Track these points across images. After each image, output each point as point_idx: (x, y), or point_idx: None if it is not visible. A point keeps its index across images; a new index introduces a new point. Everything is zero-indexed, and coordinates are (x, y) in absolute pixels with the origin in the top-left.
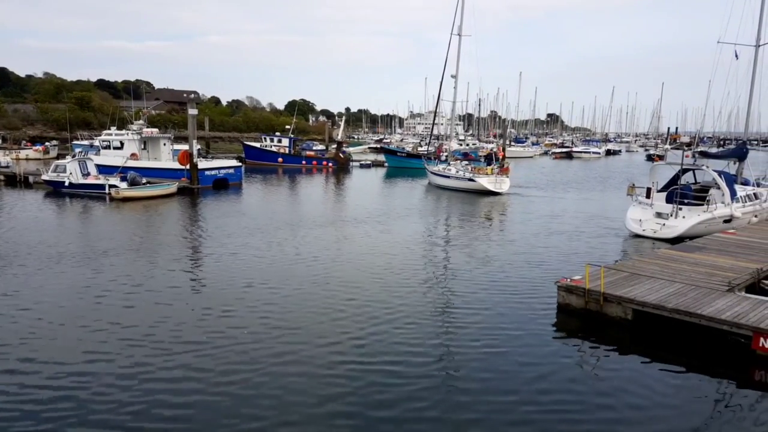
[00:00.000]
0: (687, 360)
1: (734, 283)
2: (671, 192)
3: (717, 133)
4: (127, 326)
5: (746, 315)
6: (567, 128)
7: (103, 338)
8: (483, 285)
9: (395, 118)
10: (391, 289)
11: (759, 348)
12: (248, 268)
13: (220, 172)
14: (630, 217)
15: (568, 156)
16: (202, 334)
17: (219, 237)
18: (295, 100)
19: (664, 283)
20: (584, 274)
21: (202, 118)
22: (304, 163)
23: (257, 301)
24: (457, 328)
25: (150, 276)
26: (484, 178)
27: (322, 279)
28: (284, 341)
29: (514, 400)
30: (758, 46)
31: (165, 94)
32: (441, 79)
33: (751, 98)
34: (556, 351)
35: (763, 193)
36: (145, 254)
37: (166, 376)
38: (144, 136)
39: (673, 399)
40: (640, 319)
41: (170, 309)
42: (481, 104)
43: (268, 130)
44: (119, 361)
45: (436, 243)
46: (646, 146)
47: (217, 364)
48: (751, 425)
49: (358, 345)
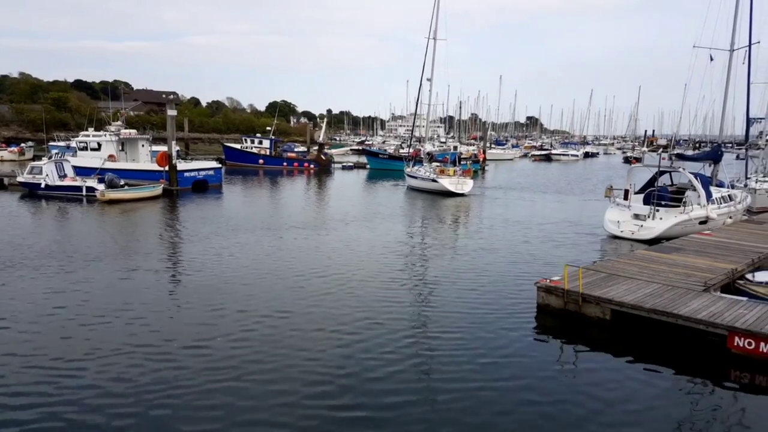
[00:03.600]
0: (664, 359)
1: (710, 284)
2: (648, 194)
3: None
4: (102, 330)
5: (721, 315)
6: (546, 131)
7: (79, 342)
8: (463, 286)
9: (377, 120)
10: (369, 291)
11: (734, 347)
12: (227, 272)
13: (199, 173)
14: (608, 219)
15: (547, 158)
16: (175, 340)
17: (198, 240)
18: (276, 101)
19: (642, 283)
20: (563, 275)
21: (182, 119)
22: (285, 165)
23: (234, 307)
24: (436, 328)
25: (125, 279)
26: (446, 180)
27: (300, 282)
28: (260, 348)
29: (493, 400)
30: (732, 50)
31: (144, 95)
32: (420, 83)
33: (725, 102)
34: (535, 351)
35: (737, 195)
36: (124, 257)
37: (135, 383)
38: (122, 137)
39: (651, 397)
40: (618, 319)
41: (146, 312)
42: (462, 107)
43: (249, 132)
44: (91, 366)
45: (414, 245)
46: (624, 149)
47: (190, 373)
48: (727, 422)
49: (336, 346)
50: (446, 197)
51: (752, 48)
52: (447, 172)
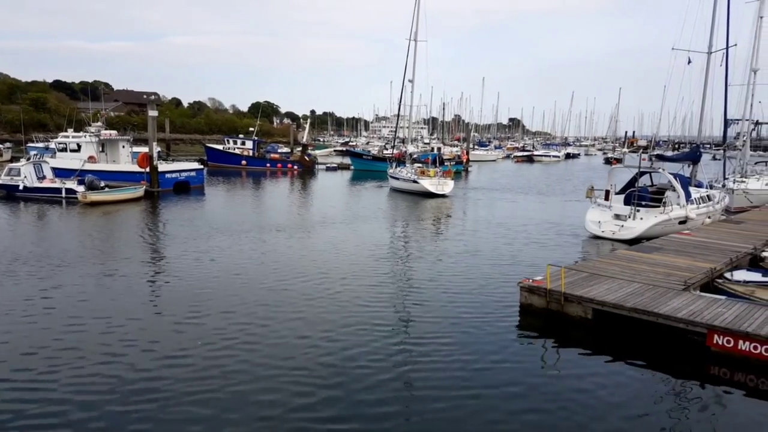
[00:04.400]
0: (645, 357)
1: (690, 283)
2: (629, 194)
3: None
4: (73, 339)
5: (701, 313)
6: (528, 132)
7: (48, 352)
8: (446, 286)
9: (361, 121)
10: (352, 296)
11: (713, 345)
12: (208, 277)
13: (181, 174)
14: (589, 219)
15: (529, 159)
16: (152, 349)
17: (179, 243)
18: (259, 102)
19: (623, 283)
20: (546, 275)
21: (163, 119)
22: (269, 166)
23: (215, 310)
24: (420, 331)
25: (101, 285)
26: (426, 181)
27: (283, 287)
28: (243, 357)
29: (475, 399)
30: (710, 53)
31: (124, 95)
32: (402, 84)
33: (703, 103)
34: (518, 350)
35: (716, 195)
36: (101, 262)
37: (108, 395)
38: (102, 138)
39: (632, 395)
40: (600, 319)
41: (122, 320)
42: (445, 108)
43: (231, 132)
44: (60, 378)
45: (397, 248)
46: (605, 150)
47: (168, 385)
48: (706, 419)
49: (321, 354)
50: (427, 198)
51: (729, 50)
52: (428, 173)
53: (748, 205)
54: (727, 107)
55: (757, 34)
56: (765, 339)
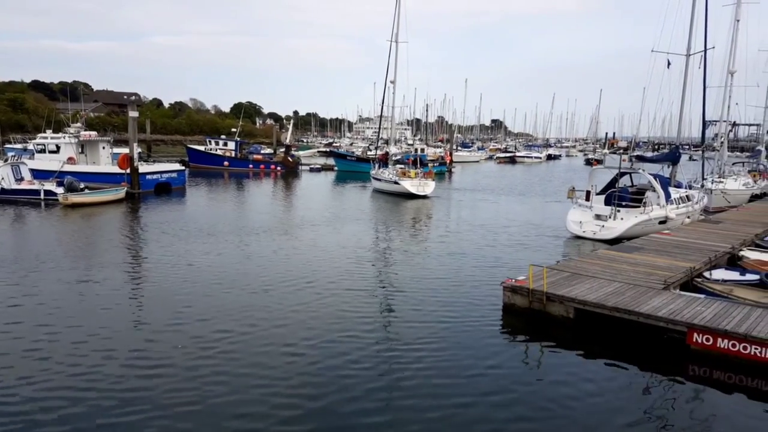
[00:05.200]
0: (626, 356)
1: (669, 282)
2: (609, 195)
3: (652, 137)
4: (45, 348)
5: (681, 312)
6: (510, 134)
7: (15, 361)
8: (430, 287)
9: (344, 122)
10: (334, 296)
11: (693, 343)
12: (188, 282)
13: (162, 176)
14: (570, 219)
15: (511, 161)
16: (129, 354)
17: (158, 246)
18: (242, 102)
19: (604, 282)
20: (528, 275)
21: (144, 120)
22: (251, 167)
23: (195, 322)
24: (404, 331)
25: (75, 291)
26: (407, 182)
27: (265, 292)
28: (223, 367)
29: (459, 398)
30: (688, 55)
31: (104, 95)
32: (384, 85)
33: (682, 105)
34: (501, 350)
35: (694, 195)
36: (76, 266)
37: (80, 408)
38: (82, 139)
39: (613, 393)
40: (582, 318)
41: (96, 329)
42: (429, 109)
43: (213, 133)
44: (26, 392)
45: (380, 251)
46: (585, 151)
47: (144, 397)
48: (686, 416)
49: (301, 358)
50: (408, 199)
51: (707, 53)
52: (408, 174)
53: (726, 205)
54: (706, 109)
55: (734, 37)
56: (743, 337)
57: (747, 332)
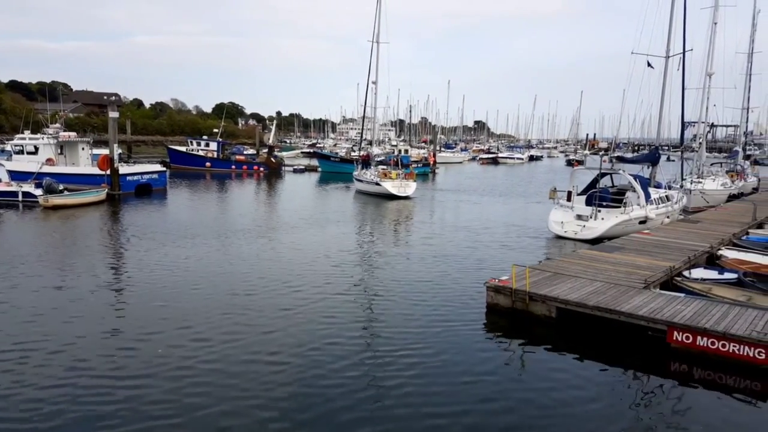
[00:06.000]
0: (608, 354)
1: (650, 281)
2: (590, 195)
3: (632, 139)
4: (15, 359)
5: (661, 310)
6: (493, 135)
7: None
8: (414, 288)
9: (328, 122)
10: (317, 299)
11: (673, 341)
12: (168, 287)
13: (143, 177)
14: (552, 220)
15: (494, 162)
16: (105, 364)
17: (138, 250)
18: (224, 103)
19: (585, 281)
20: (511, 275)
21: (124, 121)
22: (234, 168)
23: (175, 330)
24: (388, 333)
25: (55, 296)
26: (388, 183)
27: (246, 292)
28: (204, 378)
29: (443, 398)
30: (668, 57)
31: (84, 96)
32: (367, 86)
33: (662, 106)
34: (484, 349)
35: (674, 196)
36: (51, 271)
37: (53, 423)
38: (61, 140)
39: (595, 391)
40: (564, 317)
41: (70, 337)
42: (412, 110)
43: (194, 134)
44: (5, 396)
45: (363, 251)
46: (566, 152)
47: (120, 411)
48: (667, 413)
49: (285, 360)
50: (390, 200)
51: (686, 55)
52: (389, 176)
53: (705, 205)
54: (685, 110)
55: (711, 40)
56: (722, 335)
57: (725, 330)
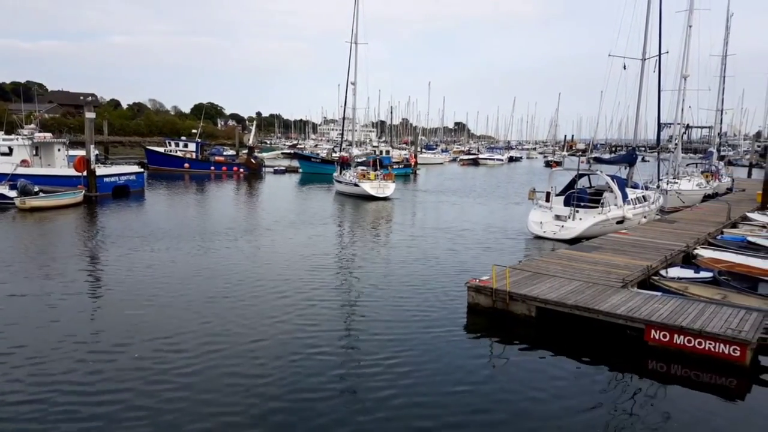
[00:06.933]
0: (587, 353)
1: (627, 280)
2: (568, 196)
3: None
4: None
5: (639, 309)
6: (473, 136)
7: None
8: (396, 289)
9: (309, 123)
10: (298, 301)
11: (650, 339)
12: (144, 293)
13: (120, 178)
14: (531, 220)
15: (474, 163)
16: (80, 365)
17: (114, 253)
18: (202, 103)
19: (564, 281)
20: (492, 275)
21: (101, 121)
22: (213, 169)
23: (149, 341)
24: (370, 333)
25: (23, 305)
26: (367, 184)
27: (224, 295)
28: (178, 393)
29: (424, 398)
30: (644, 59)
31: (60, 96)
32: (346, 87)
33: (638, 108)
34: (465, 349)
35: (650, 196)
36: (21, 276)
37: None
38: (36, 141)
39: (574, 389)
40: (544, 316)
41: (41, 345)
42: (393, 112)
43: (173, 134)
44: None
45: (345, 253)
46: (545, 153)
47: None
48: (645, 410)
49: (267, 372)
50: (368, 201)
51: (662, 57)
52: (368, 176)
53: (681, 205)
54: (661, 112)
55: (687, 42)
56: (698, 333)
57: (701, 328)
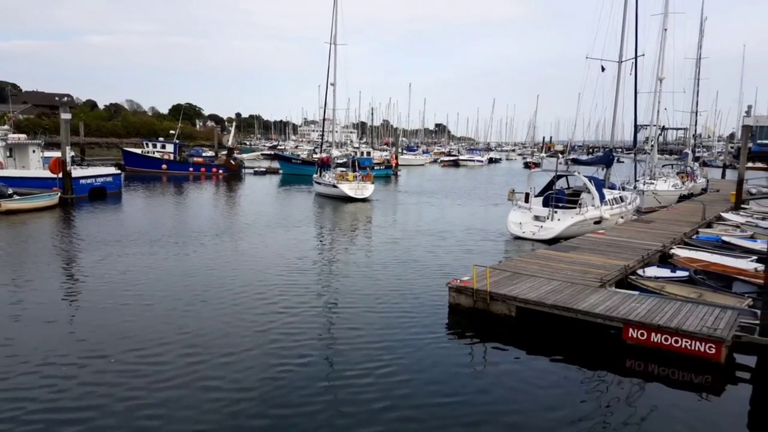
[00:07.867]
0: (566, 351)
1: (605, 280)
2: (547, 196)
3: (587, 141)
4: None
5: (617, 308)
6: (453, 137)
7: None
8: (377, 290)
9: (289, 124)
10: (278, 306)
11: (628, 338)
12: (123, 293)
13: (96, 180)
14: (511, 221)
15: (455, 164)
16: (51, 378)
17: (89, 259)
18: (180, 104)
19: (544, 281)
20: (472, 275)
21: (77, 122)
22: (192, 170)
23: (128, 335)
24: (351, 335)
25: (4, 303)
26: (345, 185)
27: (203, 299)
28: (156, 410)
29: (405, 399)
30: (621, 62)
31: (34, 97)
32: (326, 88)
33: (615, 109)
34: (446, 349)
35: (627, 196)
36: (4, 276)
37: None
38: (10, 142)
39: (554, 388)
40: (524, 316)
41: (20, 343)
42: (374, 113)
43: (151, 136)
44: None
45: (325, 255)
46: (524, 154)
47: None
48: (623, 407)
49: (251, 385)
50: (347, 203)
51: (638, 60)
52: (346, 178)
53: (657, 206)
54: (637, 113)
55: (662, 45)
56: (675, 331)
57: (678, 326)
